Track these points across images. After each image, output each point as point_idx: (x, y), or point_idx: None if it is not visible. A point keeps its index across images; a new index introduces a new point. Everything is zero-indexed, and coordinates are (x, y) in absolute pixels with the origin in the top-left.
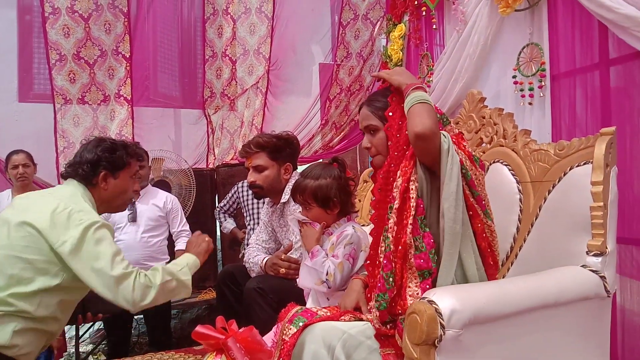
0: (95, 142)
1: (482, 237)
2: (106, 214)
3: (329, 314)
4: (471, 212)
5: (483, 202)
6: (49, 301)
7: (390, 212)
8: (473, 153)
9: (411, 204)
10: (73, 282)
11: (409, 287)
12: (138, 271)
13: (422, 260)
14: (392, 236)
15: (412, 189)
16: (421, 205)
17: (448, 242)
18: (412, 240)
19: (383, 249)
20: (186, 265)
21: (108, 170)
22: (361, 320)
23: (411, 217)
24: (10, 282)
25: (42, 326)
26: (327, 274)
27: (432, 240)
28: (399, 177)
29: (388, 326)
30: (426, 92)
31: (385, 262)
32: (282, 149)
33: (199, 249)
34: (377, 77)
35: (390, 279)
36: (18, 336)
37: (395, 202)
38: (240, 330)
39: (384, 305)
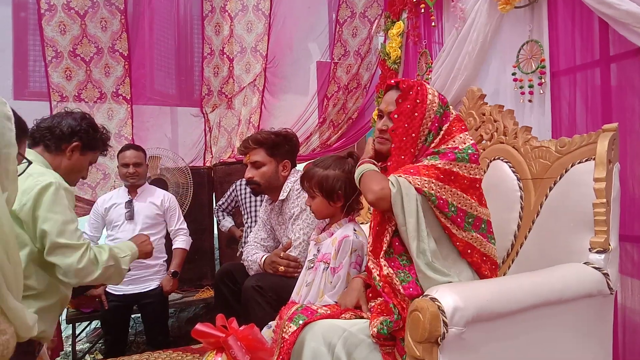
0: (81, 114)
1: (466, 253)
2: (104, 212)
3: (329, 312)
4: (447, 232)
5: (458, 219)
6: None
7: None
8: (462, 147)
9: (384, 243)
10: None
11: None
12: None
13: (411, 289)
14: (377, 275)
15: (387, 230)
16: (396, 243)
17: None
18: (393, 274)
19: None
20: (129, 255)
21: (81, 144)
22: (362, 318)
23: (382, 252)
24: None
25: (49, 301)
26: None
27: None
28: (372, 220)
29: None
30: (372, 162)
31: (386, 298)
32: (281, 145)
33: (145, 249)
34: None
35: (397, 311)
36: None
37: (369, 243)
38: (241, 328)
39: (384, 331)
